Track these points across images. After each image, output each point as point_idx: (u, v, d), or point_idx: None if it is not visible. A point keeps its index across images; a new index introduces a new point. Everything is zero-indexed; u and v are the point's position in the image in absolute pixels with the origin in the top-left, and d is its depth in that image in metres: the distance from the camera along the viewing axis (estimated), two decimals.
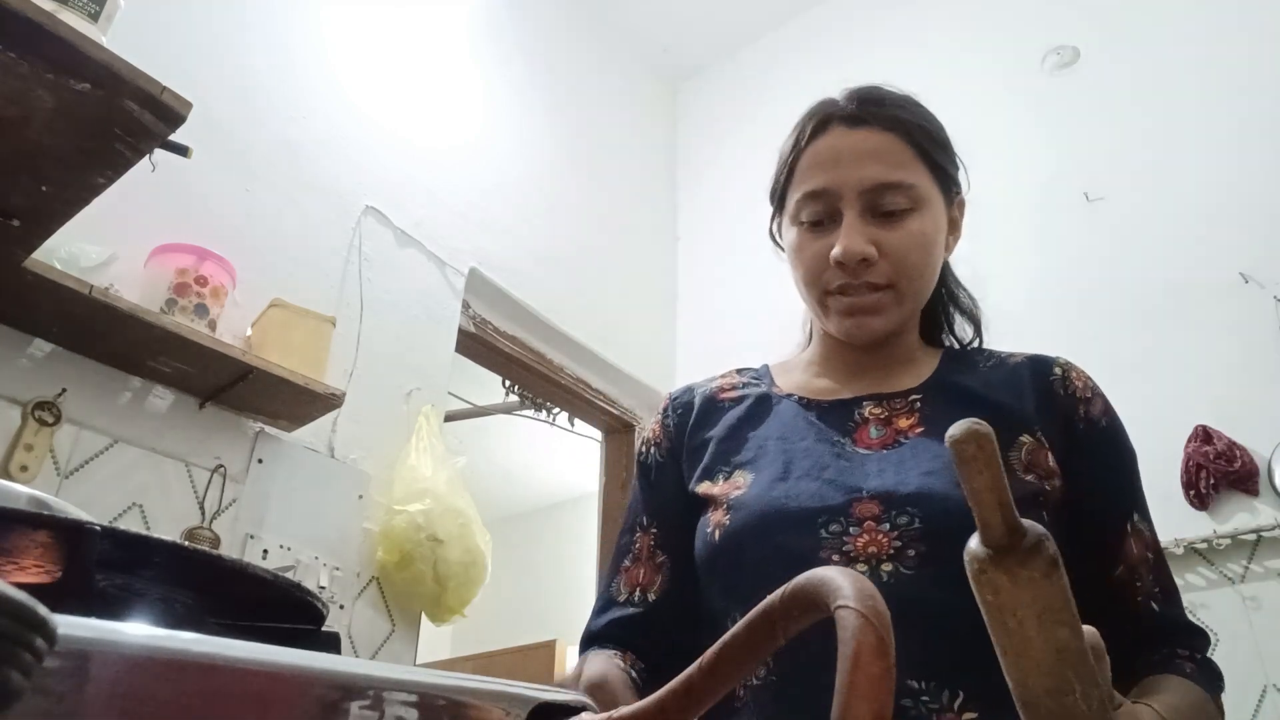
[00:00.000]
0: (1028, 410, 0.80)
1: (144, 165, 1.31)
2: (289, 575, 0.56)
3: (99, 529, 0.39)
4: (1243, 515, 1.94)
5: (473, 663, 5.10)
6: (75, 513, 0.44)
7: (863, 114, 0.84)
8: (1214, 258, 2.17)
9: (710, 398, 0.92)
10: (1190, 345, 2.13)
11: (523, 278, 2.71)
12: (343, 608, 1.93)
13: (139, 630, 0.29)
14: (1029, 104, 2.70)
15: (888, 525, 0.72)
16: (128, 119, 1.20)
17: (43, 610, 0.20)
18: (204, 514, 1.76)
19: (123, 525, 0.86)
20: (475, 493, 2.14)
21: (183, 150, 1.32)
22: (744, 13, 3.47)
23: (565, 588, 5.50)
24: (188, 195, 1.89)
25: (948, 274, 0.94)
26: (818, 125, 0.86)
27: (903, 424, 0.81)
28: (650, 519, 0.89)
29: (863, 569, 0.70)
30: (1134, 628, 0.74)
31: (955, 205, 0.89)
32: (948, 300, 0.95)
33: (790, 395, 0.89)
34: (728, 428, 0.88)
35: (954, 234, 0.90)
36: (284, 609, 0.50)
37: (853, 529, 0.73)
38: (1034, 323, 2.14)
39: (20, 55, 1.09)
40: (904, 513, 0.72)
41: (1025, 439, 0.77)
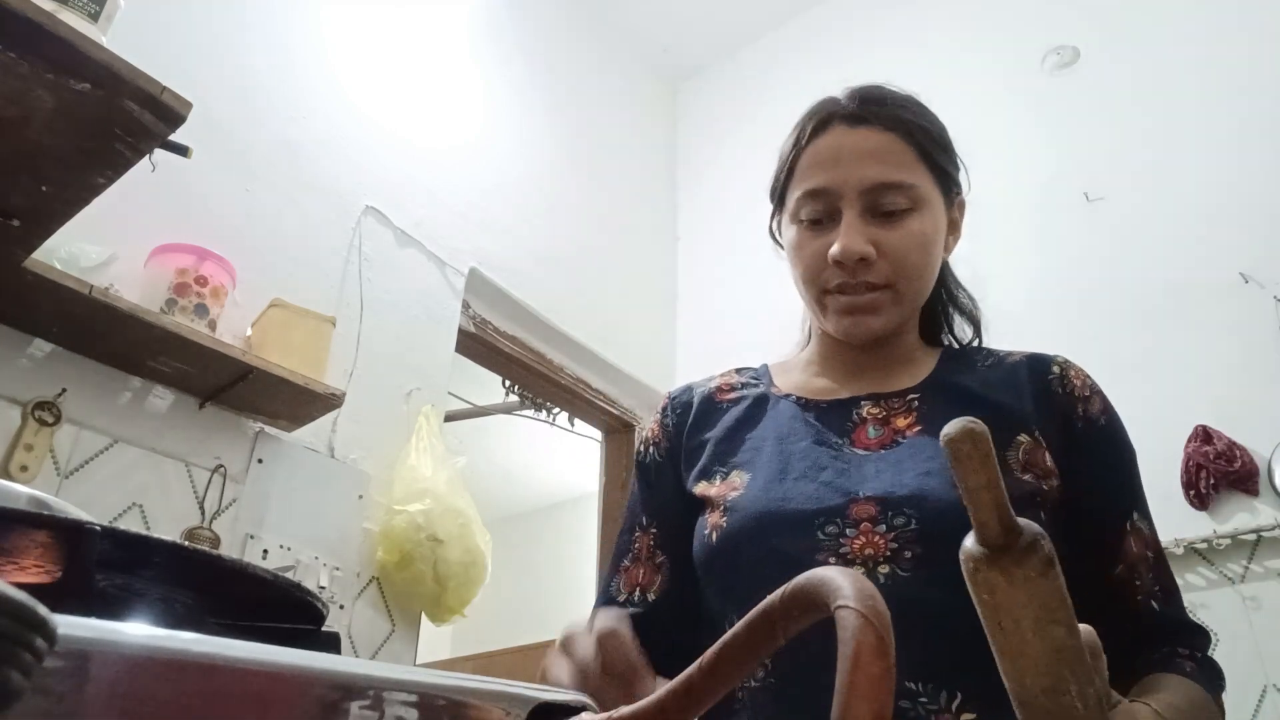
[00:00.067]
0: (1026, 409, 0.80)
1: (144, 165, 1.31)
2: (289, 575, 0.56)
3: (99, 529, 0.39)
4: (1243, 515, 1.94)
5: (473, 663, 5.09)
6: (75, 513, 0.44)
7: (864, 113, 0.84)
8: (1214, 258, 2.17)
9: (709, 398, 0.92)
10: (1190, 345, 2.13)
11: (523, 278, 2.71)
12: (343, 608, 1.93)
13: (139, 630, 0.29)
14: (1029, 104, 2.70)
15: (884, 527, 0.72)
16: (128, 119, 1.20)
17: (43, 610, 0.20)
18: (204, 514, 1.76)
19: (123, 525, 0.86)
20: (475, 493, 2.14)
21: (183, 150, 1.32)
22: (744, 13, 3.47)
23: (565, 588, 5.50)
24: (188, 195, 1.89)
25: (947, 274, 0.94)
26: (819, 124, 0.86)
27: (901, 424, 0.81)
28: (650, 519, 0.89)
29: (859, 571, 0.70)
30: (1134, 627, 0.74)
31: (955, 206, 0.89)
32: (947, 300, 0.94)
33: (789, 395, 0.88)
34: (726, 428, 0.88)
35: (954, 234, 0.90)
36: (284, 609, 0.50)
37: (849, 531, 0.73)
38: (1034, 323, 2.14)
39: (20, 55, 1.09)
40: (900, 514, 0.72)
41: (1023, 438, 0.77)
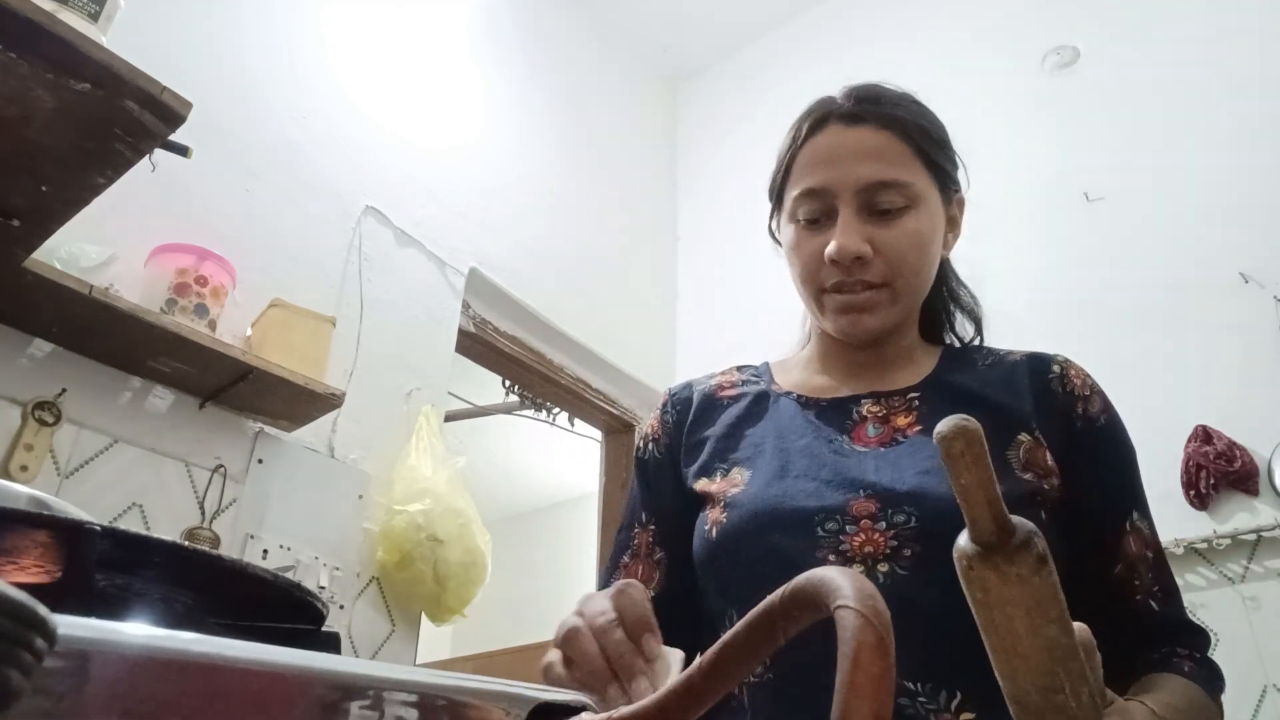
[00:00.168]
0: (1026, 409, 0.80)
1: (144, 165, 1.31)
2: (289, 575, 0.56)
3: (99, 529, 0.39)
4: (1243, 515, 1.94)
5: (473, 663, 5.09)
6: (75, 513, 0.44)
7: (860, 112, 0.84)
8: (1214, 258, 2.17)
9: (709, 395, 0.92)
10: (1190, 345, 2.13)
11: (523, 278, 2.71)
12: (343, 608, 1.93)
13: (139, 630, 0.29)
14: (1029, 104, 2.70)
15: (884, 524, 0.72)
16: (128, 119, 1.20)
17: (43, 610, 0.20)
18: (204, 514, 1.76)
19: (123, 525, 0.86)
20: (475, 493, 2.14)
21: (183, 150, 1.32)
22: (744, 13, 3.47)
23: (565, 588, 5.49)
24: (188, 195, 1.89)
25: (949, 272, 0.94)
26: (815, 123, 0.86)
27: (901, 422, 0.81)
28: (649, 515, 0.89)
29: (859, 569, 0.70)
30: (1133, 626, 0.74)
31: (954, 203, 0.89)
32: (949, 298, 0.94)
33: (789, 393, 0.88)
34: (726, 425, 0.88)
35: (953, 232, 0.90)
36: (284, 609, 0.50)
37: (849, 528, 0.73)
38: (1034, 323, 2.14)
39: (20, 55, 1.09)
40: (901, 511, 0.72)
41: (1023, 437, 0.77)
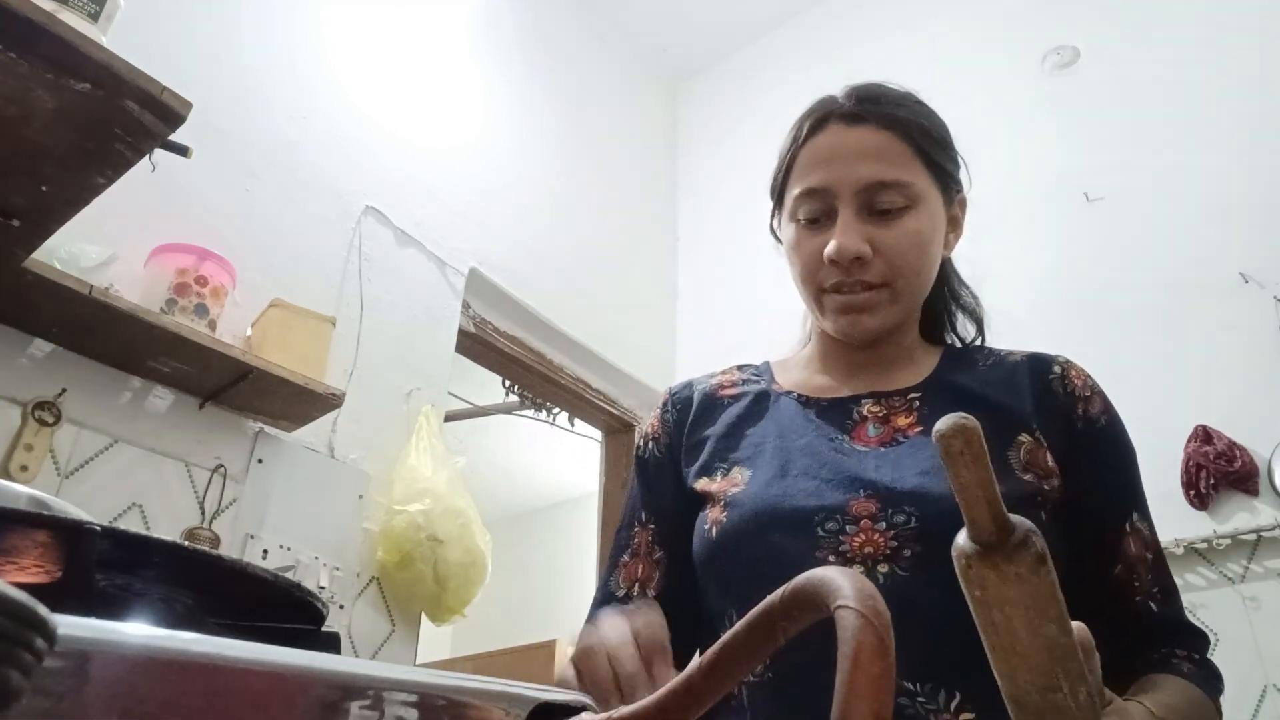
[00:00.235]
0: (1026, 409, 0.80)
1: (144, 165, 1.31)
2: (289, 575, 0.56)
3: (99, 529, 0.39)
4: (1243, 515, 1.94)
5: (473, 663, 5.09)
6: (75, 513, 0.44)
7: (860, 111, 0.84)
8: (1214, 258, 2.17)
9: (710, 394, 0.92)
10: (1190, 345, 2.13)
11: (523, 278, 2.71)
12: (343, 608, 1.93)
13: (139, 630, 0.29)
14: (1029, 104, 2.70)
15: (884, 524, 0.72)
16: (128, 119, 1.20)
17: (43, 610, 0.20)
18: (204, 514, 1.76)
19: (123, 525, 0.86)
20: (475, 493, 2.14)
21: (183, 150, 1.32)
22: (744, 13, 3.47)
23: (565, 588, 5.50)
24: (188, 195, 1.89)
25: (950, 272, 0.94)
26: (816, 122, 0.85)
27: (901, 422, 0.81)
28: (649, 514, 0.88)
29: (859, 570, 0.70)
30: (1133, 627, 0.74)
31: (955, 203, 0.89)
32: (950, 298, 0.94)
33: (789, 392, 0.88)
34: (727, 425, 0.88)
35: (955, 232, 0.89)
36: (284, 609, 0.50)
37: (849, 528, 0.73)
38: (1034, 323, 2.14)
39: (20, 55, 1.09)
40: (901, 511, 0.72)
41: (1024, 438, 0.77)
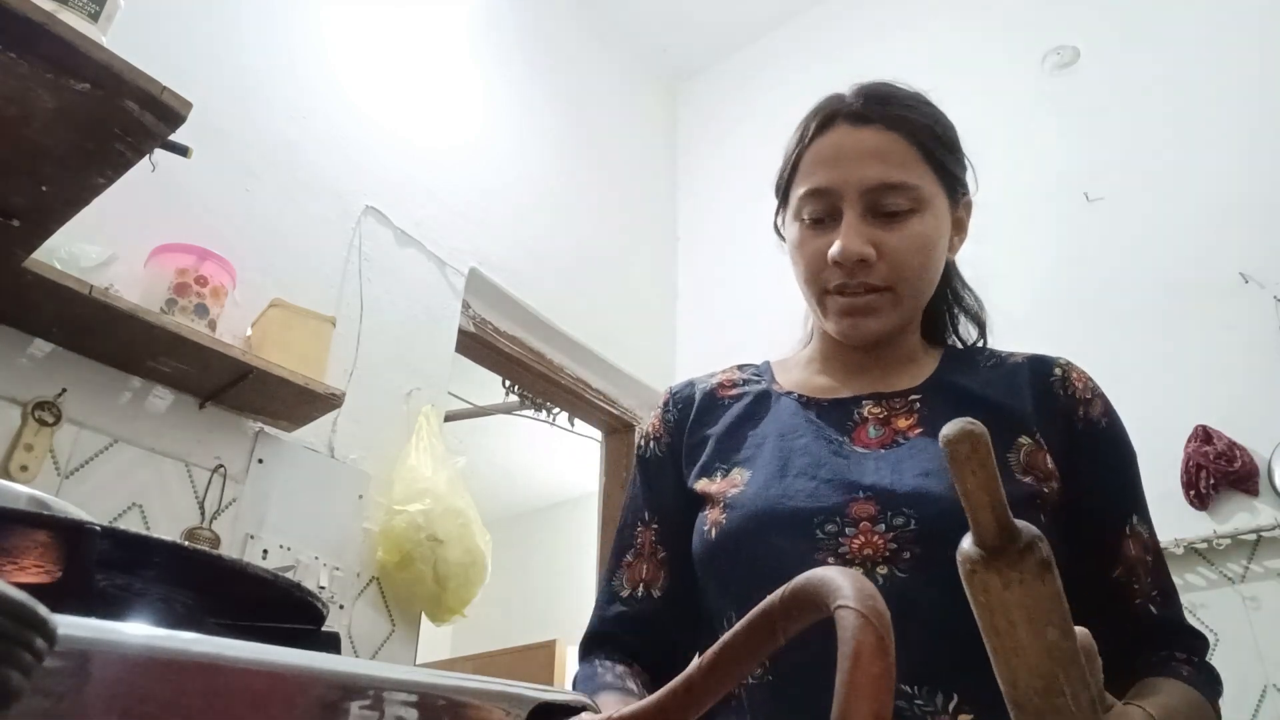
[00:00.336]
0: (1027, 411, 0.79)
1: (144, 165, 1.31)
2: (289, 575, 0.56)
3: (99, 529, 0.39)
4: (1243, 515, 1.94)
5: (473, 663, 5.10)
6: (75, 513, 0.44)
7: (868, 112, 0.83)
8: (1214, 258, 2.17)
9: (710, 394, 0.92)
10: (1190, 345, 2.13)
11: (523, 278, 2.71)
12: (343, 608, 1.93)
13: (139, 630, 0.29)
14: (1029, 104, 2.70)
15: (883, 526, 0.72)
16: (128, 119, 1.20)
17: (43, 610, 0.20)
18: (204, 514, 1.76)
19: (123, 525, 0.86)
20: (475, 493, 2.14)
21: (183, 150, 1.32)
22: (744, 13, 3.47)
23: (565, 588, 5.50)
24: (188, 195, 1.89)
25: (953, 274, 0.93)
26: (823, 121, 0.85)
27: (901, 424, 0.81)
28: (651, 514, 0.88)
29: (858, 572, 0.70)
30: (1132, 629, 0.74)
31: (961, 206, 0.88)
32: (952, 301, 0.94)
33: (790, 393, 0.88)
34: (727, 425, 0.87)
35: (959, 234, 0.89)
36: (284, 609, 0.50)
37: (848, 530, 0.73)
38: (1034, 323, 2.14)
39: (20, 55, 1.09)
40: (900, 513, 0.72)
41: (1024, 440, 0.77)
